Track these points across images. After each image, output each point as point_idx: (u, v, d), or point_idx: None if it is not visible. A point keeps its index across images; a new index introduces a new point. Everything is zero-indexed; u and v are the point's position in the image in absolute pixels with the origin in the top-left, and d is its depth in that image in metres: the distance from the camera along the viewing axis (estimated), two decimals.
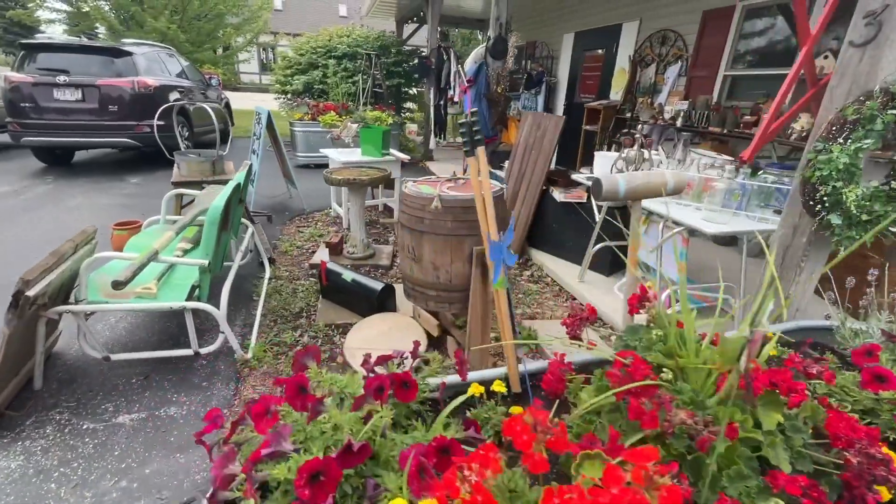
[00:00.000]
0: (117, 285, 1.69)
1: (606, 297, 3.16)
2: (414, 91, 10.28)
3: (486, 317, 2.05)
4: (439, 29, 7.67)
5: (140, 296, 2.11)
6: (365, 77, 8.20)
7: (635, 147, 2.82)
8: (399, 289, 3.11)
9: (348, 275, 2.84)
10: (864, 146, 1.43)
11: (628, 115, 5.67)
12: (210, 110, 3.97)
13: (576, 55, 7.42)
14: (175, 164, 3.40)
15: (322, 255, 3.70)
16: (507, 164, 4.81)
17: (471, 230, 1.95)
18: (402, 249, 2.16)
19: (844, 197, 1.47)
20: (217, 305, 2.16)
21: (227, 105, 9.72)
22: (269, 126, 4.43)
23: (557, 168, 3.97)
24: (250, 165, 2.96)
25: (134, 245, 2.60)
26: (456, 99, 8.10)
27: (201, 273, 2.16)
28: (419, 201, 1.97)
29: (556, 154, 3.87)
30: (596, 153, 3.28)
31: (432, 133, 8.34)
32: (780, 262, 1.85)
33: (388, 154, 4.49)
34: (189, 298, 2.17)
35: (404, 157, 4.58)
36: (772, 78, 4.23)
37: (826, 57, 3.48)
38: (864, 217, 1.52)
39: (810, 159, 1.55)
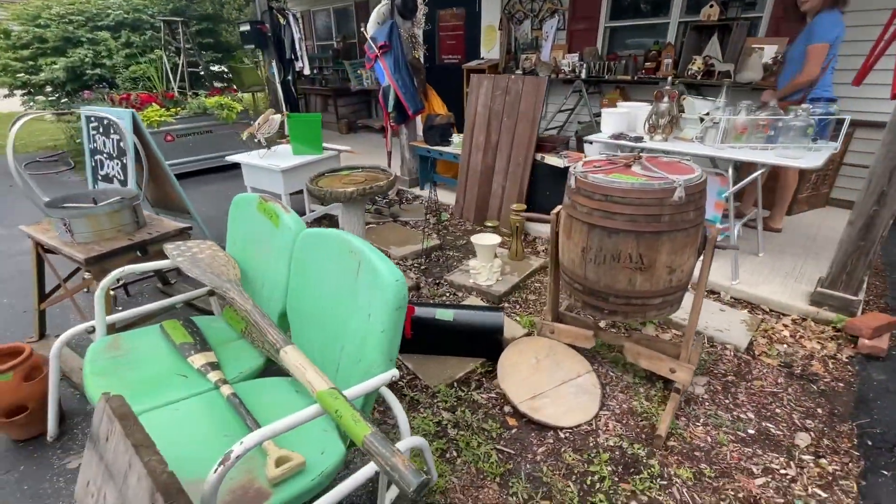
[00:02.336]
0: (421, 488, 0.80)
1: None
2: (219, 67, 8.28)
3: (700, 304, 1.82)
4: None
5: (280, 482, 1.13)
6: (170, 53, 6.12)
7: (665, 100, 2.84)
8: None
9: (445, 313, 2.14)
10: None
11: (517, 72, 5.74)
12: None
13: (426, 14, 7.03)
14: (58, 227, 1.88)
15: None
16: (455, 137, 4.36)
17: (702, 213, 1.65)
18: (607, 261, 1.69)
19: None
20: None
21: None
22: (141, 138, 2.87)
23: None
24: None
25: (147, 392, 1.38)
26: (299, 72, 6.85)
27: (368, 398, 1.26)
28: (653, 195, 1.54)
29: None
30: (603, 110, 3.20)
31: (284, 112, 6.91)
32: (886, 182, 2.15)
33: (327, 149, 3.49)
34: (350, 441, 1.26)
35: (345, 148, 3.65)
36: (649, 27, 4.83)
37: (711, 6, 4.11)
38: None
39: None
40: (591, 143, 3.39)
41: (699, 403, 1.94)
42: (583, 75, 4.98)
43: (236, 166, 3.59)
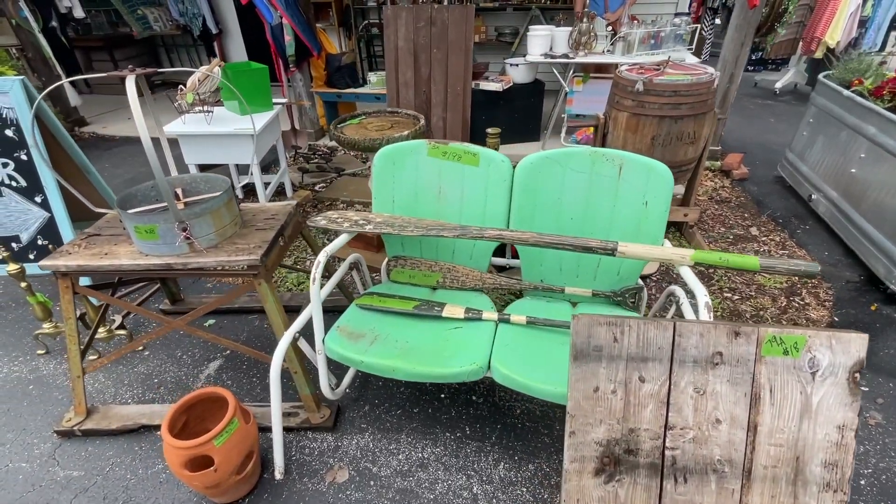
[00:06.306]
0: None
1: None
2: None
3: None
4: None
5: None
6: None
7: (585, 20, 3.47)
8: None
9: None
10: None
11: (371, 3, 5.54)
12: None
13: None
14: (168, 237, 1.34)
15: None
16: (372, 76, 4.15)
17: None
18: (672, 143, 2.29)
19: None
20: None
21: None
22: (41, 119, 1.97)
23: None
24: None
25: None
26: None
27: None
28: (704, 86, 2.17)
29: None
30: (529, 34, 3.64)
31: (63, 76, 4.99)
32: (734, 66, 3.33)
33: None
34: None
35: (284, 100, 3.16)
36: None
37: None
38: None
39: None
40: (516, 65, 3.86)
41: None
42: (444, 1, 5.23)
43: None
